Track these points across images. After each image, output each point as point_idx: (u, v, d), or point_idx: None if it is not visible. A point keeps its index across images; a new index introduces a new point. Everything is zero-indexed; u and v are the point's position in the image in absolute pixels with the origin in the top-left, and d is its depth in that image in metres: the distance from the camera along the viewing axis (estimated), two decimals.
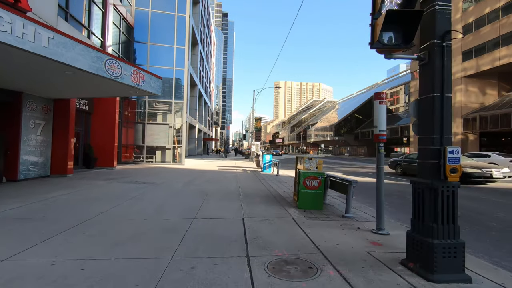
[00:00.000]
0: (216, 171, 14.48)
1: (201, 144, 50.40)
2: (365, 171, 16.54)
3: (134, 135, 18.12)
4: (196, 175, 11.80)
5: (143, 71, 7.92)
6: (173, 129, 18.40)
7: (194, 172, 13.24)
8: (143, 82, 7.90)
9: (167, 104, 18.36)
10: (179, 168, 15.57)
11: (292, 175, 12.60)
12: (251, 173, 13.35)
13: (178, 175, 11.65)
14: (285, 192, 7.61)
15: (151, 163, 17.89)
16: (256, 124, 27.29)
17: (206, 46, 60.17)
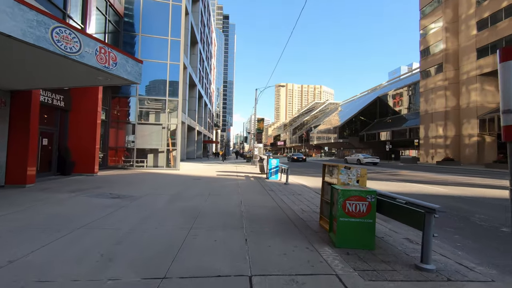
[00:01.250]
0: (214, 178, 12.52)
1: (201, 146, 48.47)
2: (401, 178, 14.54)
3: (123, 136, 16.20)
4: (189, 184, 9.84)
5: (115, 50, 5.99)
6: (166, 130, 16.48)
7: (187, 180, 11.28)
8: (115, 65, 5.98)
9: (160, 102, 16.46)
10: (172, 174, 13.62)
11: (305, 183, 10.66)
12: (255, 181, 11.38)
13: (167, 184, 9.69)
14: (303, 211, 5.64)
15: (141, 168, 15.94)
16: (259, 125, 25.39)
17: (207, 46, 58.53)
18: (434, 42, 36.57)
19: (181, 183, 10.01)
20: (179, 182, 10.32)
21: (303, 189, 8.96)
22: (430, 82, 36.99)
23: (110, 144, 15.77)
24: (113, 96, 15.70)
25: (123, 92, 15.81)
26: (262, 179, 12.08)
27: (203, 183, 10.17)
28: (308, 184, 11.00)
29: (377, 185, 10.86)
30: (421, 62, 39.16)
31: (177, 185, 9.53)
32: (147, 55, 16.23)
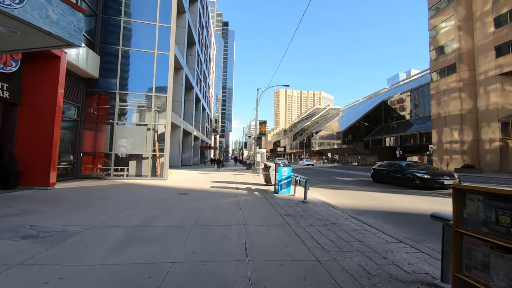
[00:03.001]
0: (206, 192, 9.76)
1: (198, 152, 45.70)
2: (444, 192, 11.82)
3: (102, 140, 13.47)
4: (170, 203, 7.08)
5: None
6: (153, 132, 13.78)
7: (171, 196, 8.52)
8: (23, 2, 3.32)
9: (145, 98, 13.81)
10: (155, 187, 10.86)
11: (325, 199, 7.72)
12: (261, 197, 8.63)
13: (139, 204, 6.93)
14: (370, 275, 2.91)
15: (120, 178, 13.17)
16: (261, 129, 22.76)
17: (205, 49, 56.40)
18: (446, 42, 34.38)
19: (159, 202, 7.25)
20: (157, 200, 7.56)
21: (333, 212, 6.23)
22: (443, 84, 34.65)
23: (85, 149, 13.04)
24: (89, 91, 13.03)
25: (101, 86, 13.15)
26: (270, 194, 9.34)
27: (189, 202, 7.41)
28: (331, 200, 8.27)
29: (438, 205, 8.16)
30: (432, 63, 36.91)
31: (151, 205, 6.77)
32: (130, 42, 13.67)
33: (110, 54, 13.39)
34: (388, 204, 7.93)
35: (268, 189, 10.81)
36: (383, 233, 4.50)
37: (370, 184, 14.23)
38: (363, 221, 5.30)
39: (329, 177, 18.27)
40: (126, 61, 13.59)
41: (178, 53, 29.04)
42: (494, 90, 28.19)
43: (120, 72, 13.28)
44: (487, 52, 29.21)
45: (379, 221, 5.73)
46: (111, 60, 13.38)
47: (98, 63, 12.99)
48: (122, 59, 13.44)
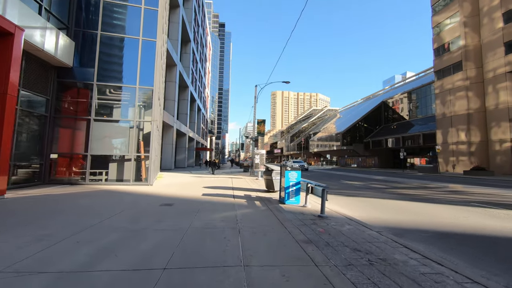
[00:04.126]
0: (196, 201, 7.96)
1: (193, 154, 43.79)
2: (476, 198, 10.16)
3: (80, 138, 11.58)
4: (141, 224, 5.26)
5: None
6: (136, 130, 11.94)
7: (148, 208, 6.70)
8: None
9: (127, 91, 11.97)
10: (135, 194, 9.02)
11: (346, 211, 5.84)
12: (265, 210, 6.85)
13: (97, 224, 5.07)
14: None
15: (97, 184, 11.28)
16: (259, 128, 21.03)
17: (201, 47, 54.64)
18: (451, 39, 33.10)
19: (131, 219, 5.42)
20: (128, 216, 5.73)
21: (367, 234, 4.48)
22: (448, 83, 33.32)
23: (56, 149, 11.15)
24: (61, 82, 11.17)
25: (76, 76, 11.30)
26: (274, 204, 7.57)
27: (171, 218, 5.60)
28: (354, 213, 6.53)
29: (489, 219, 6.47)
30: (436, 61, 35.60)
31: (118, 224, 4.95)
32: (111, 27, 11.85)
33: (86, 40, 11.56)
34: (429, 220, 6.21)
35: (272, 197, 9.03)
36: (472, 281, 2.76)
37: (385, 189, 12.53)
38: (421, 253, 3.56)
39: (336, 181, 16.57)
40: (105, 48, 11.76)
41: (171, 49, 27.26)
42: (504, 88, 26.85)
43: (98, 61, 11.43)
44: (496, 49, 27.93)
45: (439, 251, 3.99)
46: (88, 46, 11.54)
47: (73, 50, 11.15)
48: (101, 46, 11.61)
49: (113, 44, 11.92)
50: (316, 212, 6.42)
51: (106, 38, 11.74)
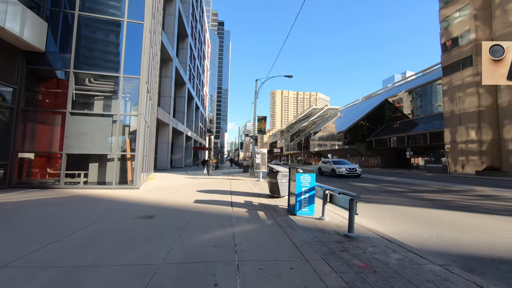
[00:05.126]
0: (184, 212, 6.43)
1: (191, 154, 42.24)
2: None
3: (49, 134, 10.04)
4: (96, 253, 3.71)
5: None
6: (120, 126, 10.39)
7: (114, 227, 5.17)
8: None
9: (109, 80, 10.41)
10: (110, 201, 7.48)
11: (381, 228, 4.27)
12: (272, 225, 5.32)
13: (29, 253, 3.54)
14: None
15: (75, 187, 9.74)
16: (260, 125, 19.52)
17: (199, 44, 53.06)
18: (460, 33, 31.63)
19: (84, 244, 3.87)
20: (85, 237, 4.17)
21: (428, 271, 2.97)
22: (456, 79, 31.86)
23: (24, 147, 9.62)
24: (31, 69, 9.62)
25: (49, 63, 9.75)
26: (283, 215, 6.04)
27: (143, 241, 4.06)
28: (388, 229, 5.03)
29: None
30: (443, 56, 34.14)
31: (58, 256, 3.40)
32: (89, 6, 10.29)
33: (62, 21, 10.00)
34: (492, 239, 4.70)
35: (278, 204, 7.51)
36: None
37: (405, 193, 11.04)
38: None
39: (343, 183, 15.06)
40: (84, 31, 10.21)
41: (166, 43, 25.69)
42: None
43: (76, 46, 9.88)
44: None
45: None
46: (64, 29, 9.99)
47: (45, 32, 9.59)
48: (79, 29, 10.06)
49: (94, 27, 10.37)
50: (339, 229, 4.91)
51: (85, 20, 10.18)
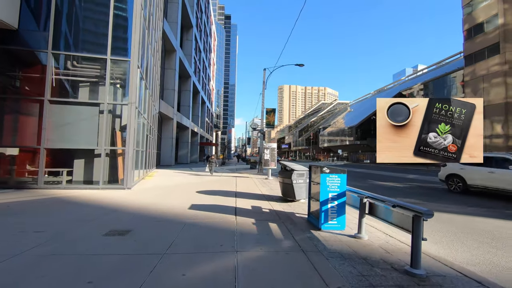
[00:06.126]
0: (174, 223, 4.97)
1: (197, 149, 41.01)
2: None
3: (24, 126, 8.73)
4: None
5: None
6: (109, 116, 9.00)
7: (57, 259, 3.70)
8: None
9: (95, 63, 9.00)
10: (90, 206, 6.09)
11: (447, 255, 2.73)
12: (292, 249, 3.79)
13: None
14: None
15: (56, 187, 8.42)
16: (268, 118, 17.95)
17: (205, 36, 51.44)
18: (486, 18, 29.05)
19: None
20: (13, 277, 2.75)
21: None
22: (481, 68, 29.38)
23: (4, 142, 8.34)
24: (2, 49, 8.26)
25: (23, 42, 8.38)
26: (303, 230, 4.51)
27: (101, 279, 2.59)
28: (467, 257, 3.44)
29: None
30: (466, 44, 31.60)
31: None
32: None
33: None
34: None
35: (294, 211, 5.97)
36: None
37: (443, 195, 9.34)
38: None
39: (364, 182, 13.38)
40: (64, 6, 8.78)
41: (169, 32, 24.20)
42: None
43: (54, 23, 8.46)
44: None
45: None
46: (41, 3, 8.58)
47: (18, 7, 8.21)
48: (59, 4, 8.64)
49: (75, 1, 8.92)
50: (389, 256, 3.35)
51: None
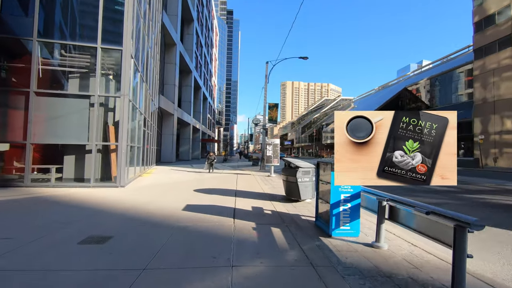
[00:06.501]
0: (159, 229, 4.38)
1: (198, 146, 40.49)
2: None
3: (9, 120, 8.18)
4: None
5: None
6: (100, 109, 8.43)
7: (13, 276, 3.10)
8: None
9: (85, 52, 8.40)
10: (75, 207, 5.53)
11: None
12: (299, 262, 3.18)
13: None
14: None
15: (45, 185, 7.89)
16: (271, 114, 17.31)
17: (206, 31, 50.61)
18: (498, 9, 27.96)
19: None
20: None
21: None
22: (491, 62, 28.38)
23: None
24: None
25: (5, 29, 7.80)
26: (312, 236, 3.90)
27: None
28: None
29: None
30: (476, 37, 30.53)
31: None
32: None
33: None
34: None
35: (299, 213, 5.36)
36: None
37: (459, 193, 8.67)
38: None
39: None
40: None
41: (169, 25, 23.52)
42: None
43: (40, 8, 7.86)
44: None
45: None
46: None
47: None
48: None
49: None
50: (418, 272, 2.73)
51: None
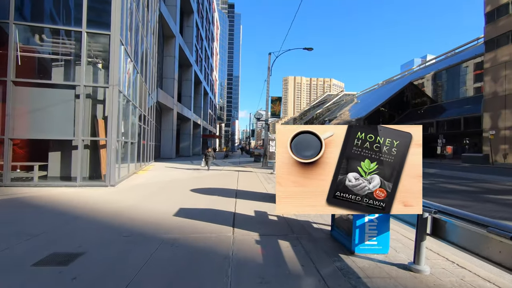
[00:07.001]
0: (142, 242, 3.62)
1: (199, 142, 39.77)
2: None
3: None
4: None
5: None
6: (86, 101, 7.65)
7: None
8: None
9: (68, 38, 7.60)
10: (50, 212, 4.78)
11: None
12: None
13: None
14: None
15: (26, 184, 7.16)
16: (274, 108, 16.49)
17: (207, 24, 49.43)
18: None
19: None
20: None
21: None
22: (503, 54, 27.27)
23: None
24: None
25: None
26: (329, 255, 3.12)
27: None
28: None
29: None
30: (487, 28, 29.34)
31: None
32: None
33: None
34: None
35: (309, 219, 4.59)
36: None
37: (478, 193, 7.87)
38: None
39: None
40: None
41: (167, 15, 22.56)
42: None
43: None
44: None
45: None
46: None
47: None
48: None
49: None
50: None
51: None
